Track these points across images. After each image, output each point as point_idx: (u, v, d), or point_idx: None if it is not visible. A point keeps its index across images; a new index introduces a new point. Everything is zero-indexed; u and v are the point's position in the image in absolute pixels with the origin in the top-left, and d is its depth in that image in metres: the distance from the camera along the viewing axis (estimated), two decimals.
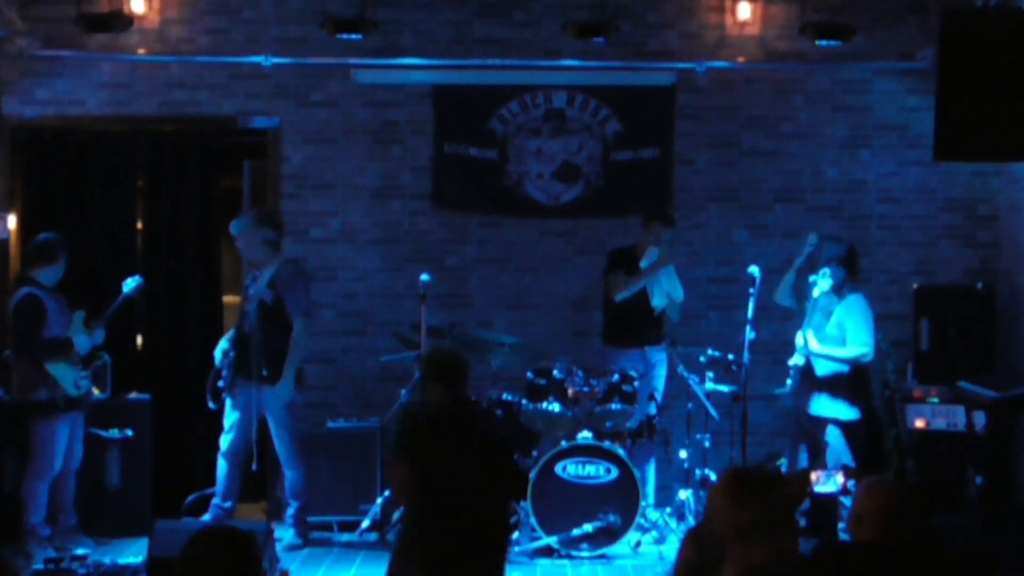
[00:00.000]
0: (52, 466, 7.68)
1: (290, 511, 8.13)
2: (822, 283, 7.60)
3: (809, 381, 7.85)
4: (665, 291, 8.46)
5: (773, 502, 3.46)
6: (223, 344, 8.04)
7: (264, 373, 7.84)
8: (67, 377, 7.69)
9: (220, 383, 7.92)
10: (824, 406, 7.77)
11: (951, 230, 9.20)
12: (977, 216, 9.20)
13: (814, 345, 7.69)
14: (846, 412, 7.75)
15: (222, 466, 8.08)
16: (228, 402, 7.99)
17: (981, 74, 6.35)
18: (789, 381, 7.98)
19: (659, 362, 8.55)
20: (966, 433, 8.12)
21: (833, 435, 7.79)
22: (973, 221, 9.20)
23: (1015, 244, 8.88)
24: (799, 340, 7.82)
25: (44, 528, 7.74)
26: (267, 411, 7.98)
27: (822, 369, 7.78)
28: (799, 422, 8.04)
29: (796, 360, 7.84)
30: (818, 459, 7.89)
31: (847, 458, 7.75)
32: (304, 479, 8.16)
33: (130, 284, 8.07)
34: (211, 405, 7.97)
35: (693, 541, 3.78)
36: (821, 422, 7.80)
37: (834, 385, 7.76)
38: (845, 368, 7.73)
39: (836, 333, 7.73)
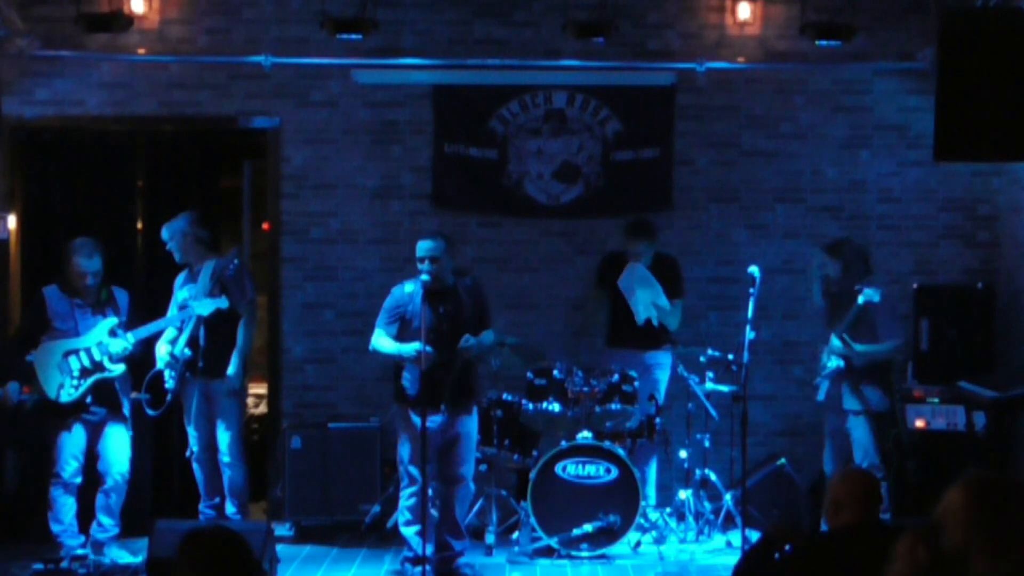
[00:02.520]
0: (58, 472, 7.63)
1: (230, 511, 8.02)
2: (871, 295, 7.62)
3: (847, 377, 7.86)
4: (648, 302, 8.42)
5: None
6: (167, 347, 7.86)
7: (202, 366, 7.80)
8: (51, 380, 7.59)
9: (168, 385, 7.80)
10: (859, 398, 7.79)
11: (951, 230, 9.20)
12: (977, 216, 9.20)
13: (853, 346, 7.75)
14: (878, 402, 7.78)
15: (196, 469, 8.07)
16: (192, 404, 7.93)
17: (981, 74, 6.35)
18: (823, 385, 7.94)
19: (658, 365, 8.53)
20: (966, 433, 8.12)
21: (861, 428, 7.80)
22: (973, 221, 9.20)
23: (1015, 244, 8.88)
24: (834, 342, 7.81)
25: (70, 536, 7.67)
26: (215, 405, 7.94)
27: (860, 361, 7.81)
28: (831, 424, 8.01)
29: (834, 362, 7.83)
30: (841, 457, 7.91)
31: (873, 452, 7.74)
32: (245, 479, 8.09)
33: (205, 307, 7.73)
34: (151, 412, 7.83)
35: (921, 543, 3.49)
36: (853, 414, 7.82)
37: (870, 377, 7.83)
38: (880, 360, 7.83)
39: (867, 331, 7.79)
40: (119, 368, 7.65)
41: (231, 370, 7.86)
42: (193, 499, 8.20)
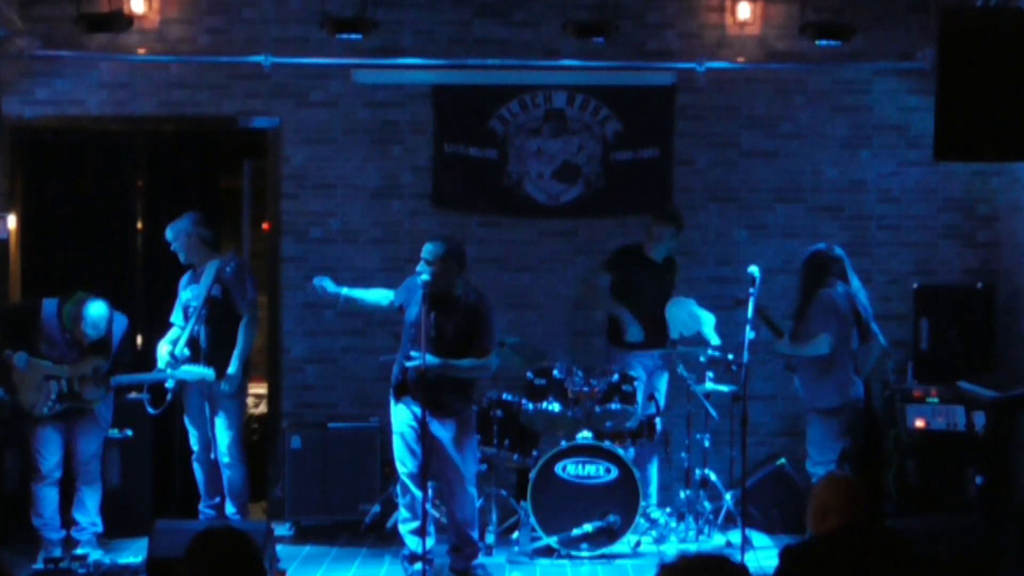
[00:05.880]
0: (36, 467, 7.64)
1: (230, 511, 8.00)
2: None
3: (799, 374, 7.96)
4: (682, 324, 8.43)
5: None
6: (168, 347, 7.85)
7: (208, 367, 7.77)
8: (29, 396, 7.57)
9: (168, 385, 7.76)
10: (810, 395, 7.84)
11: (951, 230, 9.20)
12: (977, 216, 9.20)
13: (783, 345, 7.89)
14: (828, 399, 7.75)
15: (196, 469, 8.05)
16: (192, 404, 7.94)
17: (981, 74, 6.35)
18: (796, 380, 8.00)
19: (665, 364, 8.53)
20: (966, 433, 8.12)
21: (813, 426, 7.84)
22: (973, 221, 9.20)
23: (1015, 244, 8.88)
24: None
25: (52, 531, 7.68)
26: (215, 405, 7.92)
27: (798, 361, 7.92)
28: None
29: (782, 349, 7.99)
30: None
31: (829, 450, 7.72)
32: (244, 479, 8.07)
33: (191, 374, 7.71)
34: (152, 411, 7.84)
35: None
36: (809, 412, 7.88)
37: (820, 373, 7.78)
38: (815, 358, 7.75)
39: (803, 330, 7.83)
40: (95, 405, 7.65)
41: (231, 370, 7.85)
42: (193, 499, 8.20)
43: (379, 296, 7.65)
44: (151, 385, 7.85)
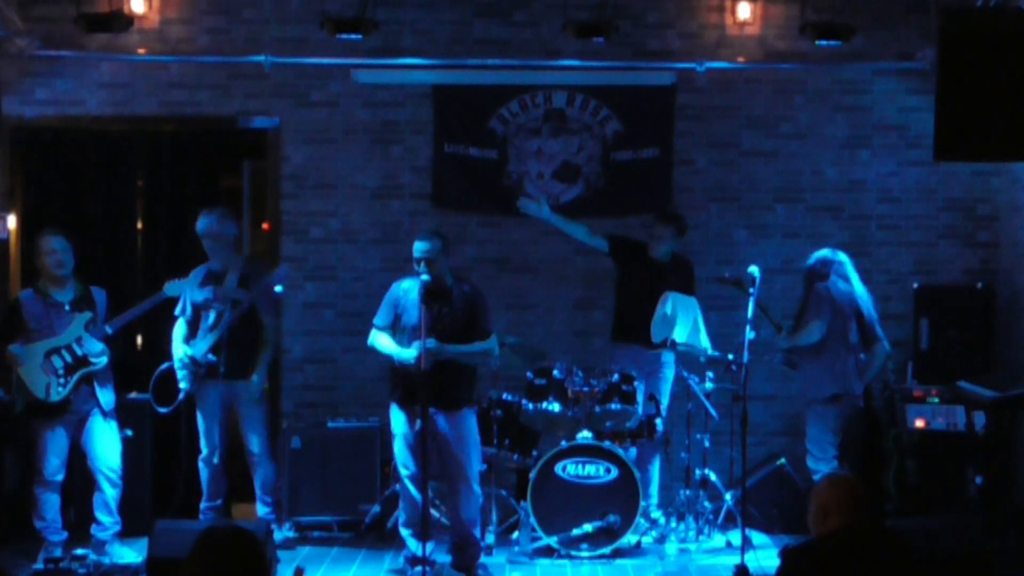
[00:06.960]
0: (40, 470, 7.64)
1: (266, 510, 8.03)
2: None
3: (797, 367, 8.08)
4: (688, 328, 8.42)
5: None
6: (184, 348, 7.88)
7: (224, 370, 7.81)
8: (37, 381, 7.59)
9: (182, 385, 7.81)
10: (805, 387, 7.94)
11: (951, 230, 9.20)
12: (977, 216, 9.20)
13: (782, 339, 8.02)
14: (819, 389, 7.81)
15: (202, 470, 8.06)
16: (208, 406, 7.94)
17: (981, 74, 6.35)
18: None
19: (668, 364, 8.52)
20: (966, 433, 8.13)
21: (810, 420, 7.90)
22: (973, 221, 9.21)
23: (1015, 244, 8.88)
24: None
25: (53, 533, 7.69)
26: (241, 407, 7.95)
27: (798, 356, 8.03)
28: None
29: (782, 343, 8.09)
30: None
31: (827, 445, 7.77)
32: (276, 475, 8.14)
33: (173, 289, 7.75)
34: (161, 409, 7.86)
35: None
36: (806, 407, 7.96)
37: (811, 363, 7.90)
38: (808, 346, 7.88)
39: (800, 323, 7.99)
40: (103, 360, 7.65)
41: (256, 376, 7.93)
42: (193, 499, 8.20)
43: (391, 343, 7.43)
44: (157, 383, 7.86)
